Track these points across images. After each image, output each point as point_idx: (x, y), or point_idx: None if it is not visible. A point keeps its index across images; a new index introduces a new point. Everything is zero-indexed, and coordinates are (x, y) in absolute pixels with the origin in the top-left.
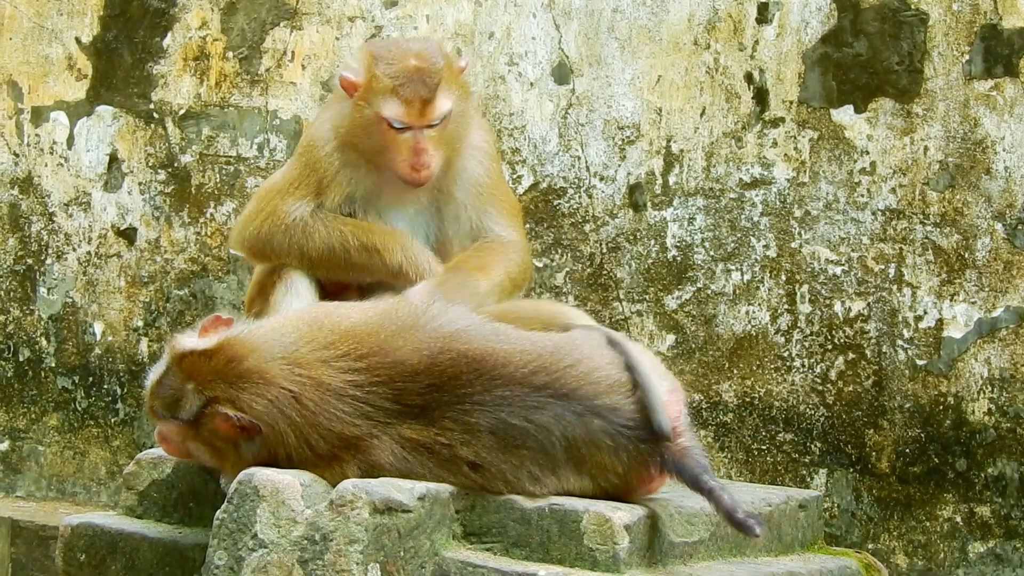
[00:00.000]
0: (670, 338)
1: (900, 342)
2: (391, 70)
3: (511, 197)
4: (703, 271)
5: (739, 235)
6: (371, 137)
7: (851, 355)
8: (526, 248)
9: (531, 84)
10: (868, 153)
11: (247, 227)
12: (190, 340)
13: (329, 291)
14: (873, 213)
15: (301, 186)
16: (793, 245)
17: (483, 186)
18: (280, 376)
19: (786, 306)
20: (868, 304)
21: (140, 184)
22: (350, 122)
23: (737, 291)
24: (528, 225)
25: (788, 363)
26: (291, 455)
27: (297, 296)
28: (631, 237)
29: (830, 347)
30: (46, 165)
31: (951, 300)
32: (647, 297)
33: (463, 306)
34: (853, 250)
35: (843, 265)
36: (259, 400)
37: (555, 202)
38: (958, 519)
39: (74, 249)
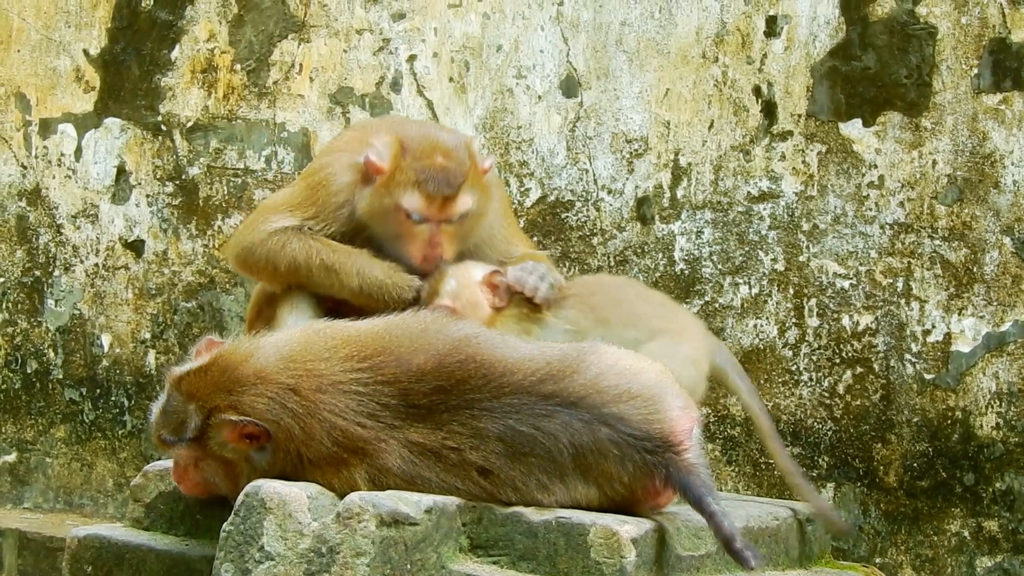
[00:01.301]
0: None
1: (908, 356)
2: (418, 164)
3: (521, 234)
4: (711, 284)
5: (747, 248)
6: (387, 223)
7: (859, 369)
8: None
9: (539, 97)
10: (876, 167)
11: (237, 238)
12: (186, 364)
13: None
14: (881, 227)
15: (305, 204)
16: (801, 259)
17: (499, 239)
18: (276, 372)
19: (794, 320)
20: (876, 318)
21: (148, 196)
22: (368, 204)
23: (745, 304)
24: (535, 238)
25: (796, 377)
26: (300, 457)
27: (301, 316)
28: (639, 250)
29: (838, 361)
30: (54, 177)
31: (959, 314)
32: None
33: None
34: (861, 264)
35: (851, 279)
36: (259, 400)
37: (563, 215)
38: (966, 533)
39: (82, 261)
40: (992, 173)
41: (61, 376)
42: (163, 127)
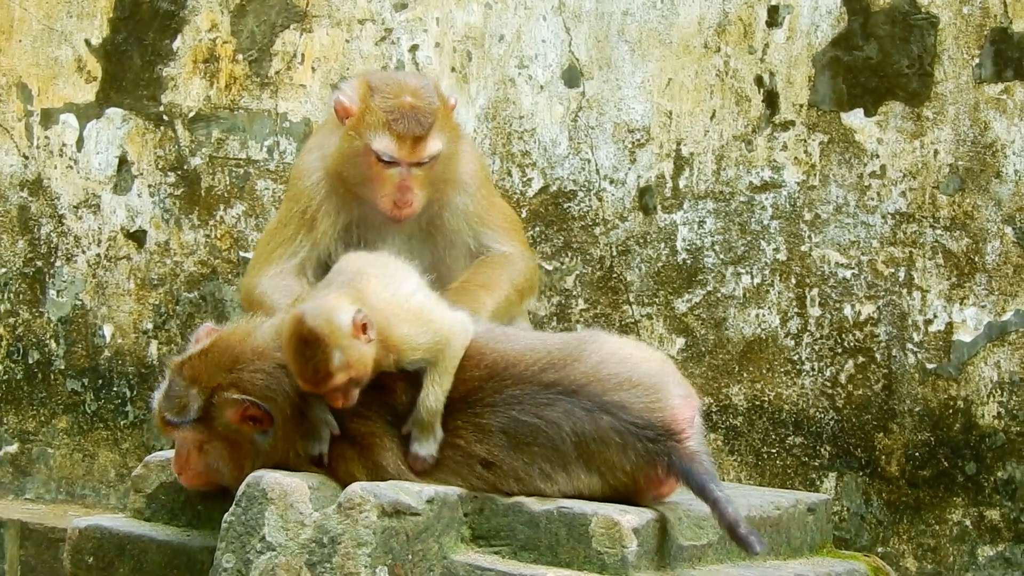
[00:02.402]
0: (680, 341)
1: (910, 346)
2: (386, 104)
3: (507, 212)
4: (713, 274)
5: (749, 238)
6: (357, 168)
7: (861, 359)
8: (529, 257)
9: (541, 87)
10: (878, 156)
11: (244, 280)
12: (186, 351)
13: None
14: (883, 216)
15: (291, 224)
16: (803, 248)
17: (474, 214)
18: (274, 349)
19: (796, 309)
20: (878, 308)
21: (150, 187)
22: (338, 150)
23: (747, 294)
24: (538, 228)
25: (798, 367)
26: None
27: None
28: (641, 240)
29: (840, 351)
30: (55, 167)
31: (961, 304)
32: (657, 300)
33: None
34: (863, 253)
35: (853, 268)
36: (258, 376)
37: (565, 205)
38: (967, 523)
39: (83, 251)
40: (994, 163)
41: (63, 367)
42: (165, 117)
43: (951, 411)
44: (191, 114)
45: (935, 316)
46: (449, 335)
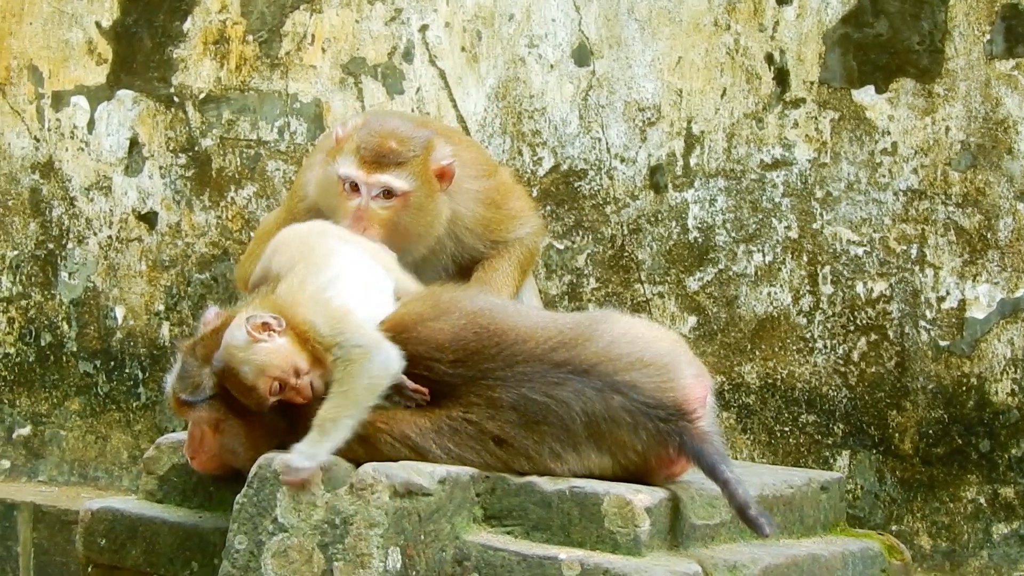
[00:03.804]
0: (692, 320)
1: (923, 323)
2: (365, 136)
3: (510, 205)
4: (724, 252)
5: (760, 216)
6: (328, 193)
7: (873, 336)
8: (532, 226)
9: (551, 66)
10: (889, 133)
11: (240, 265)
12: (196, 334)
13: None
14: (895, 193)
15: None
16: (815, 226)
17: (478, 234)
18: None
19: (808, 287)
20: (890, 285)
21: (161, 168)
22: (316, 176)
23: (759, 272)
24: (548, 207)
25: (810, 344)
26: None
27: None
28: (652, 219)
29: (852, 328)
30: (67, 150)
31: (973, 281)
32: (668, 279)
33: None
34: (875, 231)
35: (865, 246)
36: None
37: (576, 184)
38: (982, 500)
39: (95, 233)
40: (1005, 139)
41: (75, 349)
42: (176, 99)
43: (964, 388)
44: (202, 95)
45: (948, 293)
46: (353, 348)
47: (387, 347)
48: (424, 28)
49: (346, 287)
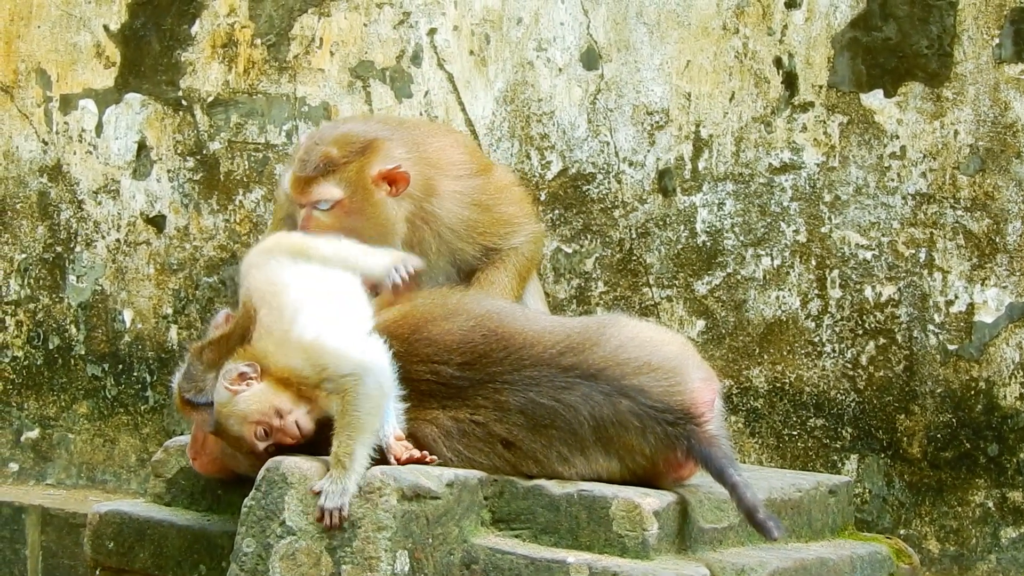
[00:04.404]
0: (700, 323)
1: (931, 327)
2: (304, 147)
3: (502, 208)
4: (733, 256)
5: (769, 220)
6: (288, 204)
7: (882, 340)
8: (529, 232)
9: (560, 70)
10: (898, 137)
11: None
12: (206, 338)
13: None
14: (903, 198)
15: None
16: (823, 230)
17: (463, 236)
18: None
19: (816, 291)
20: (899, 289)
21: (169, 171)
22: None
23: (767, 276)
24: (557, 211)
25: (819, 348)
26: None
27: None
28: (660, 222)
29: (861, 332)
30: (75, 153)
31: (982, 285)
32: (677, 282)
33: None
34: (883, 235)
35: (873, 250)
36: None
37: (584, 188)
38: (990, 504)
39: (103, 237)
40: (1014, 143)
41: (83, 352)
42: (184, 102)
43: (973, 392)
44: (210, 99)
45: (956, 297)
46: (341, 379)
47: (374, 365)
48: (432, 32)
49: (308, 318)
